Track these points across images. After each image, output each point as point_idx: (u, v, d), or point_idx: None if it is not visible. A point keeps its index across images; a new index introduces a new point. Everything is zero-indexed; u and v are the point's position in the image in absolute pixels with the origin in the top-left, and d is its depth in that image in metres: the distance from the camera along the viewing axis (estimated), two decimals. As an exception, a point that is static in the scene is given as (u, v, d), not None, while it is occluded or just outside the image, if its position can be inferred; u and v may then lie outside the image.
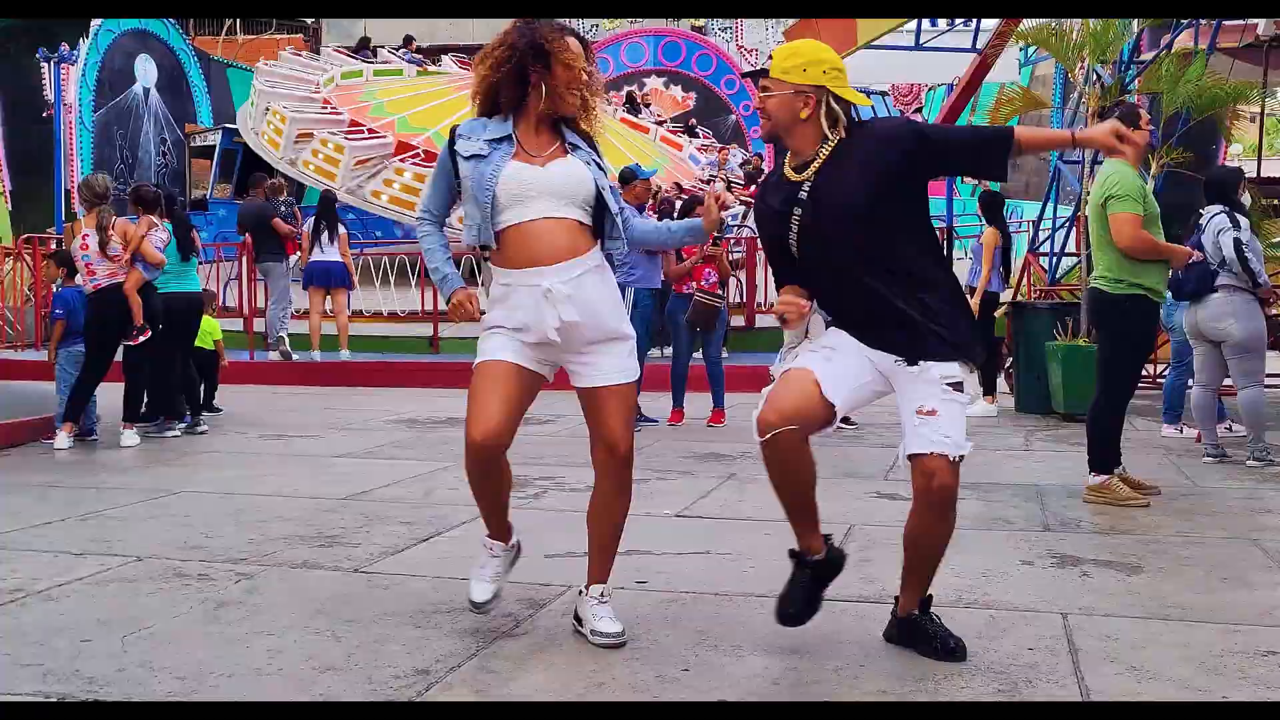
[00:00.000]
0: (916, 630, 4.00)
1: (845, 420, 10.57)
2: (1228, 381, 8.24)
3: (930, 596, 4.05)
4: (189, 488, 7.28)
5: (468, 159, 4.06)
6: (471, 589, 4.25)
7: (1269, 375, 8.44)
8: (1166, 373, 9.96)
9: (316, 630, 4.24)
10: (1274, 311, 9.07)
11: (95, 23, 22.82)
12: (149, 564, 5.26)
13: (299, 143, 20.84)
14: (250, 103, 23.15)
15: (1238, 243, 7.72)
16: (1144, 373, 12.30)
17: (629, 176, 10.25)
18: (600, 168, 4.15)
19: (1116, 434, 6.89)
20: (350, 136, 20.87)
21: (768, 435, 3.91)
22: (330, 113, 21.52)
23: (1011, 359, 12.07)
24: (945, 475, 3.80)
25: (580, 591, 4.25)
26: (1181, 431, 9.37)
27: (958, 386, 3.84)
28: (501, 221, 4.03)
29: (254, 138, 22.00)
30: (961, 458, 3.82)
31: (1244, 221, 7.94)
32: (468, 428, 4.01)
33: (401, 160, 20.41)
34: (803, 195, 3.88)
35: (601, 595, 4.18)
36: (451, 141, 4.14)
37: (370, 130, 21.08)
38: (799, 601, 4.04)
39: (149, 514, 6.45)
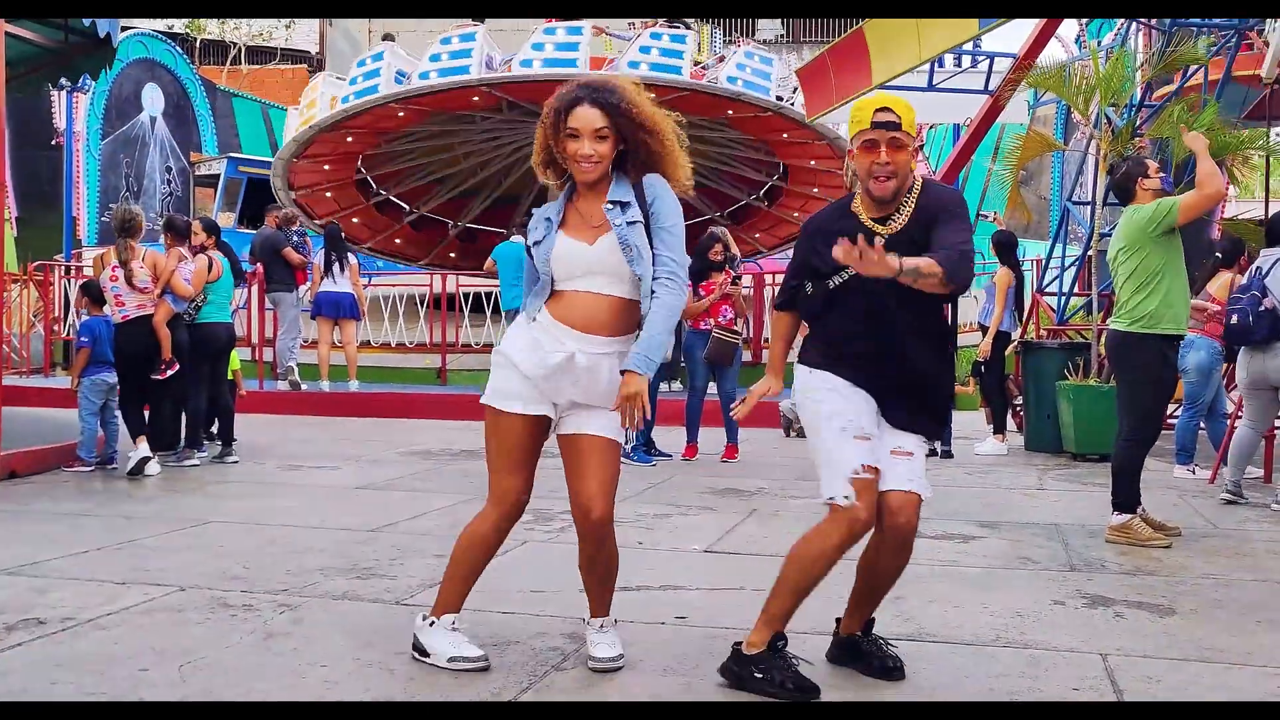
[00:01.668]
0: (857, 650, 4.23)
1: None
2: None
3: (873, 620, 4.31)
4: (218, 517, 7.34)
5: (532, 246, 4.22)
6: (465, 650, 4.25)
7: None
8: (1179, 414, 10.07)
9: (369, 662, 4.30)
10: None
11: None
12: (192, 594, 5.32)
13: None
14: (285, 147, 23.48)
15: None
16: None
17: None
18: (639, 223, 4.10)
19: (1140, 474, 6.98)
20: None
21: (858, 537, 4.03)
22: None
23: (1021, 397, 12.17)
24: (913, 513, 3.99)
25: (585, 620, 4.39)
26: (1194, 472, 9.47)
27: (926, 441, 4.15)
28: (558, 287, 4.15)
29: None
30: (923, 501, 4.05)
31: None
32: (491, 497, 4.22)
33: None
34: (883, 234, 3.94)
35: (601, 626, 4.30)
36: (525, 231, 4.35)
37: None
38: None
39: (184, 544, 6.51)
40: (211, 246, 10.04)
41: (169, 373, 9.15)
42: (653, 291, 4.06)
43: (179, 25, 36.16)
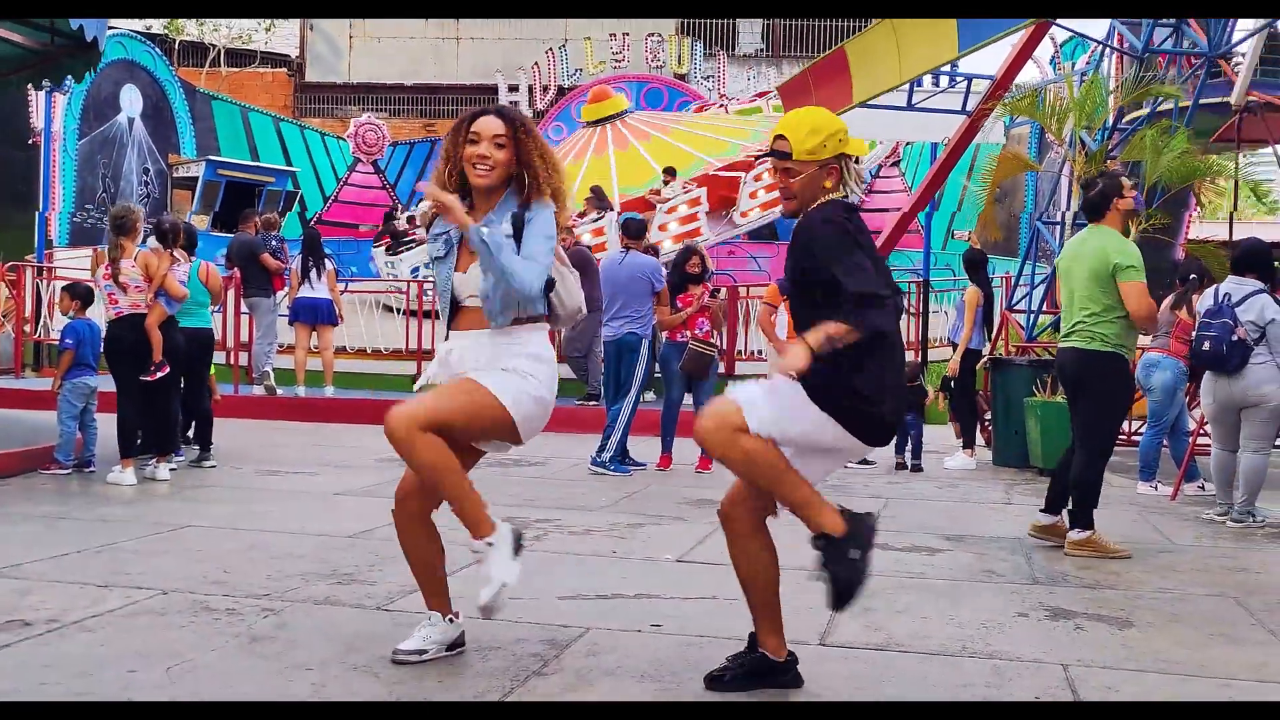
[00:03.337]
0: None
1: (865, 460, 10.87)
2: (1203, 440, 8.52)
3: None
4: (197, 522, 7.41)
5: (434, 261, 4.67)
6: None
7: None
8: (1142, 430, 10.25)
9: (354, 666, 4.41)
10: None
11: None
12: (174, 598, 5.41)
13: None
14: None
15: None
16: (1123, 430, 12.65)
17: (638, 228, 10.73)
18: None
19: (1099, 490, 7.16)
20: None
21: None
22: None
23: (990, 413, 12.36)
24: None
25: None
26: (1157, 489, 9.66)
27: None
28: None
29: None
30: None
31: None
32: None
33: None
34: None
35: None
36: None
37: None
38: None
39: (162, 548, 6.59)
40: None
41: (159, 375, 9.17)
42: None
43: (158, 26, 36.09)
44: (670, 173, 23.68)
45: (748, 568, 4.29)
